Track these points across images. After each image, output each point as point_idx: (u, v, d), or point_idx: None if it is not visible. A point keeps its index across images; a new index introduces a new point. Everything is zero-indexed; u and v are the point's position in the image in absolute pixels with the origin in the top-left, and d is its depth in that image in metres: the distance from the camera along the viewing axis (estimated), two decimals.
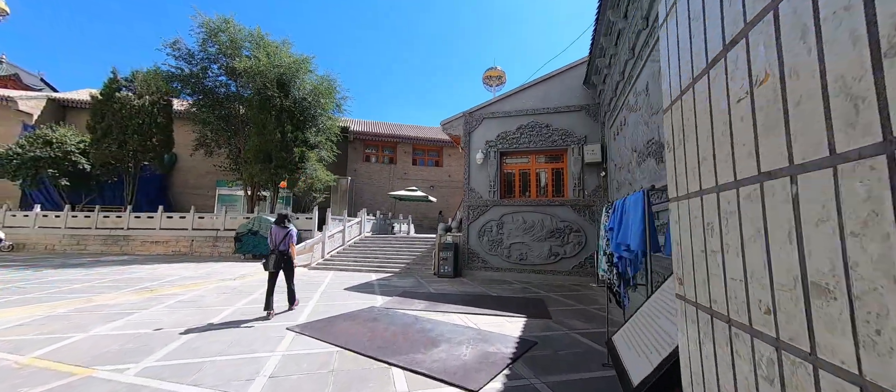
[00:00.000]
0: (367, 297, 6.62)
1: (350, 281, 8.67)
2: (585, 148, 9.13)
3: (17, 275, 8.21)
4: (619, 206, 2.91)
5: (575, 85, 9.70)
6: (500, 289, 7.83)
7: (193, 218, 15.12)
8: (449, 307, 5.83)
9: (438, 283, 8.62)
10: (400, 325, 4.64)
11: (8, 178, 15.55)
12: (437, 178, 25.37)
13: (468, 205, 10.09)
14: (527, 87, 10.16)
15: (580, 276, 8.86)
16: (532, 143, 9.86)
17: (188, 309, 5.35)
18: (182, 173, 21.48)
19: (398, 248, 12.73)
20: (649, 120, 4.91)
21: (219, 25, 15.68)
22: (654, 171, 4.71)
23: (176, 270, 9.67)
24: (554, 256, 9.14)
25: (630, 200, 2.62)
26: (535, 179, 10.09)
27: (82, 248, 14.93)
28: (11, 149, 15.40)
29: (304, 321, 4.80)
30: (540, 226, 9.36)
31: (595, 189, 9.09)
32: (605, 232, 3.43)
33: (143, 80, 16.30)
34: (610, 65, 7.32)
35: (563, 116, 9.69)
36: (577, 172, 9.31)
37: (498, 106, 10.39)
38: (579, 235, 9.04)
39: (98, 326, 4.34)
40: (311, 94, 16.06)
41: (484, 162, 10.10)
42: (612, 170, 7.99)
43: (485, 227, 9.82)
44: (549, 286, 8.22)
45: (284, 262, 5.22)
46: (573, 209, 9.20)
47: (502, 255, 9.55)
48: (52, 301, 5.58)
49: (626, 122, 6.51)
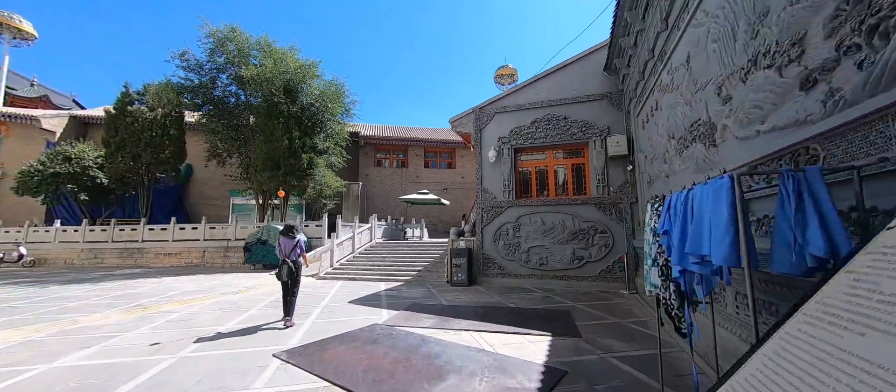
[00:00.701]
0: (372, 312, 6.01)
1: (357, 292, 8.11)
2: (609, 140, 8.28)
3: (22, 292, 8.07)
4: (677, 202, 2.16)
5: (594, 72, 8.87)
6: (518, 298, 7.08)
7: (205, 229, 15.02)
8: (461, 323, 5.14)
9: (451, 292, 7.94)
10: (403, 349, 3.99)
11: (30, 195, 15.90)
12: (450, 180, 24.74)
13: (481, 207, 9.39)
14: (541, 77, 9.40)
15: (608, 282, 7.99)
16: (549, 137, 9.08)
17: (175, 330, 4.88)
18: (198, 184, 21.66)
19: (410, 255, 12.14)
20: (693, 98, 4.11)
21: (226, 35, 15.61)
22: (702, 159, 3.90)
23: (181, 284, 9.38)
24: (578, 260, 8.31)
25: (703, 193, 1.87)
26: (553, 177, 9.29)
27: (99, 261, 15.07)
28: (33, 166, 15.76)
29: (296, 344, 4.22)
30: (561, 227, 8.55)
31: (622, 185, 8.22)
32: (651, 236, 2.68)
33: (154, 93, 16.41)
34: (635, 44, 6.50)
35: (583, 107, 8.87)
36: (600, 167, 8.46)
37: (510, 99, 9.66)
38: (605, 236, 8.18)
39: (69, 355, 3.89)
40: (319, 100, 15.76)
41: (497, 160, 9.38)
42: (642, 162, 7.13)
43: (500, 231, 9.08)
44: (574, 294, 7.41)
45: (295, 272, 5.30)
46: (597, 208, 8.35)
47: (520, 260, 8.78)
48: (39, 323, 5.24)
49: (658, 106, 5.69)
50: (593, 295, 7.29)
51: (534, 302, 6.73)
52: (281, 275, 5.23)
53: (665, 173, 5.41)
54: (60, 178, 15.74)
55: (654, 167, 6.17)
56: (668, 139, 5.17)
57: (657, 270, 2.47)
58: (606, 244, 8.16)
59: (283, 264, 5.24)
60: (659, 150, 5.73)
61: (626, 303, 6.48)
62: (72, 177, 15.94)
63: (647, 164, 6.63)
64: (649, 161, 6.48)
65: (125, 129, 15.72)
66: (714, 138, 3.59)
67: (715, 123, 3.57)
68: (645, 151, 6.81)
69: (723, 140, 3.43)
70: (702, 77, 3.83)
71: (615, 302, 6.56)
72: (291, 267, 5.26)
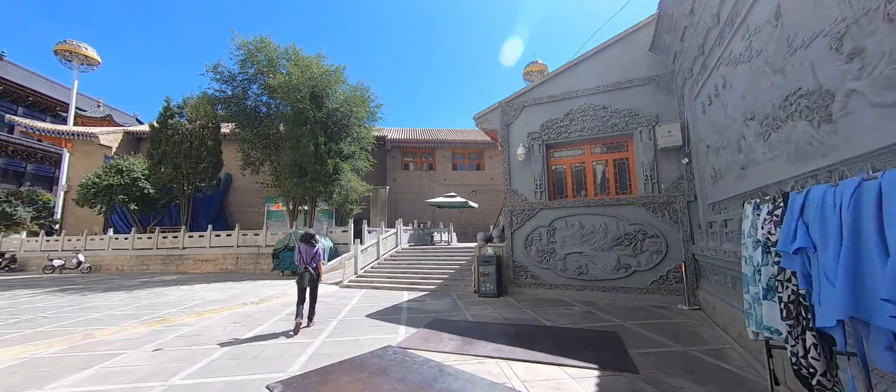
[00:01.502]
0: (389, 329, 5.42)
1: (377, 302, 7.60)
2: (658, 129, 7.16)
3: (62, 301, 8.37)
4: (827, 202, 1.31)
5: (638, 53, 7.78)
6: (555, 314, 6.19)
7: (238, 236, 15.37)
8: (487, 347, 4.40)
9: (478, 305, 7.19)
10: (415, 383, 3.32)
11: (88, 206, 17.18)
12: (479, 182, 23.95)
13: (510, 209, 8.56)
14: (575, 64, 8.43)
15: (662, 295, 6.86)
16: (586, 130, 8.08)
17: (179, 349, 4.56)
18: (238, 192, 22.52)
19: (436, 261, 11.52)
20: (787, 63, 3.11)
21: (256, 45, 15.98)
22: (808, 141, 2.89)
23: (208, 292, 9.40)
24: (624, 270, 7.24)
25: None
26: (591, 174, 8.27)
27: (146, 267, 15.90)
28: (90, 179, 17.02)
29: (296, 372, 3.71)
30: (602, 231, 7.52)
31: (675, 181, 7.06)
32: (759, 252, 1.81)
33: (192, 106, 17.17)
34: (693, 10, 5.43)
35: (626, 93, 7.79)
36: (648, 162, 7.35)
37: (541, 90, 8.77)
38: (657, 241, 7.05)
39: (62, 378, 3.63)
40: (344, 105, 15.67)
41: (526, 158, 8.52)
42: (702, 153, 6.00)
43: (532, 236, 8.20)
44: (621, 310, 6.38)
45: (314, 279, 5.60)
46: (646, 208, 7.24)
47: (556, 268, 7.85)
48: (55, 336, 5.18)
49: (726, 83, 4.63)
50: (645, 311, 6.22)
51: (573, 319, 5.82)
52: (302, 282, 5.48)
53: (740, 165, 4.34)
54: (113, 190, 16.86)
55: (720, 158, 5.08)
56: (745, 122, 4.12)
57: (778, 307, 1.60)
58: (658, 250, 7.03)
59: (305, 272, 5.51)
60: (729, 137, 4.66)
61: (688, 322, 5.39)
62: (123, 188, 17.02)
63: (711, 156, 5.52)
64: (714, 151, 5.37)
65: (166, 141, 16.56)
66: (829, 111, 2.61)
67: (830, 90, 2.58)
68: (707, 140, 5.69)
69: (846, 112, 2.44)
70: (804, 31, 2.84)
71: (675, 321, 5.49)
72: (312, 274, 5.56)
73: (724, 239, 4.97)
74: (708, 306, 5.72)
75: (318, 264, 5.64)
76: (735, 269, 4.55)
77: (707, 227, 5.83)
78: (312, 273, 5.53)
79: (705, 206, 6.04)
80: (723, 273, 5.14)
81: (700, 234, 6.32)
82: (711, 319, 5.43)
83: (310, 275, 5.49)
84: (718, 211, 5.35)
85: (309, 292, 5.56)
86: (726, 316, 4.80)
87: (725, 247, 4.86)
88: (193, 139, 17.00)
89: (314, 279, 5.56)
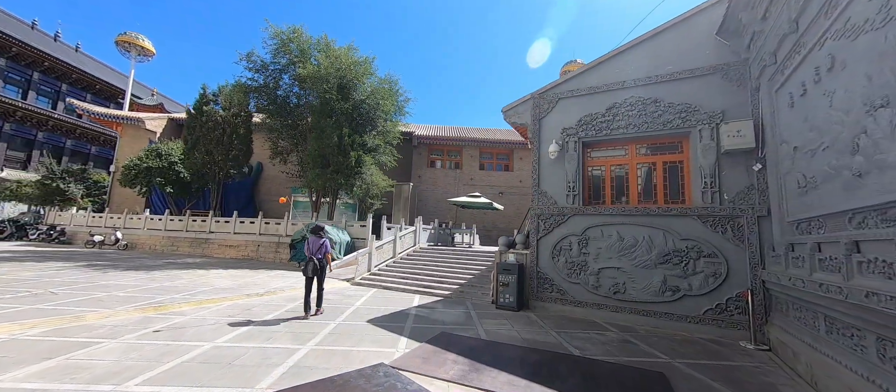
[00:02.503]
0: (388, 340, 4.75)
1: (385, 305, 6.98)
2: (723, 128, 5.97)
3: (83, 277, 8.48)
4: None
5: (699, 38, 6.61)
6: (585, 339, 5.24)
7: (260, 224, 15.46)
8: (498, 379, 3.59)
9: (494, 318, 6.36)
10: None
11: (129, 187, 18.08)
12: (507, 184, 22.90)
13: (537, 214, 7.63)
14: (621, 51, 7.35)
15: (719, 328, 5.69)
16: (631, 127, 7.00)
17: (161, 342, 4.15)
18: (267, 181, 22.98)
19: (454, 264, 10.77)
20: None
21: (289, 35, 16.00)
22: None
23: (220, 279, 9.25)
24: (671, 292, 6.11)
25: None
26: (634, 178, 7.17)
27: (175, 248, 16.43)
28: (132, 160, 17.90)
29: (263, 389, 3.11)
30: (646, 245, 6.43)
31: (743, 191, 5.84)
32: None
33: (227, 94, 17.56)
34: None
35: (683, 85, 6.64)
36: (708, 166, 6.17)
37: (579, 81, 7.76)
38: (715, 263, 5.87)
39: (24, 367, 3.28)
40: (371, 97, 15.32)
41: (559, 156, 7.55)
42: (785, 157, 4.82)
43: (561, 245, 7.23)
44: (666, 342, 5.30)
45: (320, 269, 5.86)
46: (702, 222, 6.07)
47: (587, 283, 6.84)
48: (45, 316, 4.98)
49: (837, 63, 3.51)
50: (697, 346, 5.11)
51: (607, 347, 4.85)
52: (307, 271, 5.76)
53: (854, 170, 3.23)
54: (152, 172, 17.63)
55: (816, 163, 3.93)
56: (868, 112, 3.02)
57: None
58: (716, 273, 5.85)
59: (310, 262, 5.79)
60: (836, 134, 3.53)
61: (757, 368, 4.27)
62: (160, 171, 17.75)
63: (799, 160, 4.35)
64: (803, 154, 4.21)
65: (200, 128, 17.03)
66: None
67: None
68: (793, 141, 4.52)
69: None
70: None
71: (739, 364, 4.38)
72: (317, 264, 5.82)
73: (815, 267, 3.82)
74: (783, 349, 4.54)
75: (325, 255, 5.94)
76: (833, 309, 3.44)
77: (786, 250, 4.64)
78: (316, 263, 5.79)
79: (785, 224, 4.85)
80: (811, 311, 3.99)
81: (774, 258, 5.11)
82: (790, 367, 4.28)
83: (314, 264, 5.76)
84: (807, 230, 4.19)
85: (315, 282, 5.85)
86: (816, 367, 3.68)
87: (818, 277, 3.72)
88: (226, 127, 17.38)
89: (318, 268, 5.81)
